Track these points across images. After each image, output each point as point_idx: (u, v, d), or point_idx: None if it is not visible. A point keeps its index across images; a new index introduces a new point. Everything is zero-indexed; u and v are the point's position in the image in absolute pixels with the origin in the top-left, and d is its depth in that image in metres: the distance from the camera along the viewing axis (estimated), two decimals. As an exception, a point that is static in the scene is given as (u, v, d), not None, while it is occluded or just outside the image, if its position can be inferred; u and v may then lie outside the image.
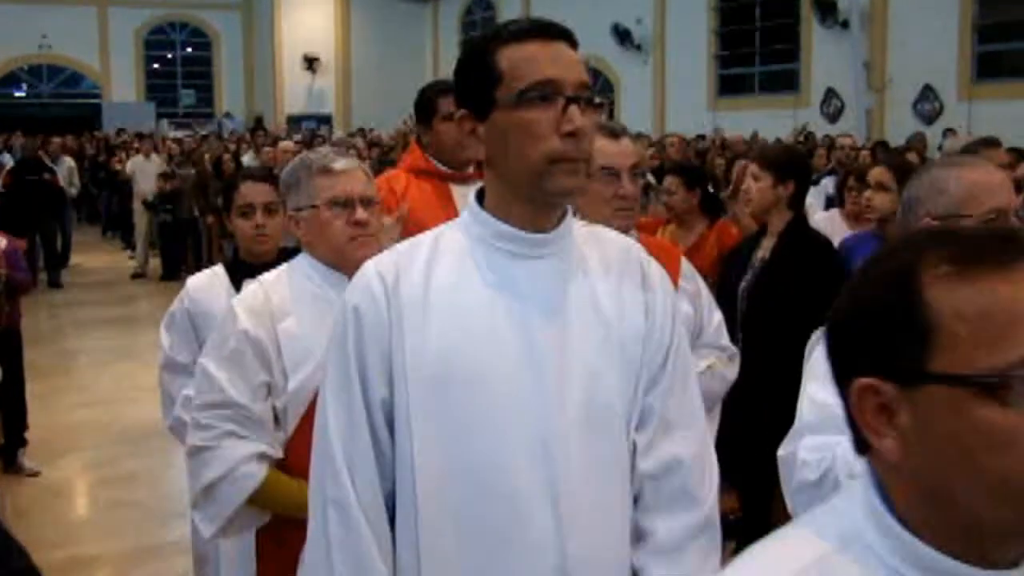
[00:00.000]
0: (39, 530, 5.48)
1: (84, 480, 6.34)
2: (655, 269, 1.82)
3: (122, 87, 30.59)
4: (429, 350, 1.63)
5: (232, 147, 15.85)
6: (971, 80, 15.75)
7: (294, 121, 28.64)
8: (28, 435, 6.52)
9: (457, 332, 1.63)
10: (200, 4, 31.26)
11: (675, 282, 2.82)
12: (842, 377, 1.06)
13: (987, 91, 15.42)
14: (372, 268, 1.71)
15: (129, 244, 16.22)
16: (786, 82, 19.43)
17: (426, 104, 3.88)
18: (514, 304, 1.65)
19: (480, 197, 1.75)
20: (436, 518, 1.63)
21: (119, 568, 5.06)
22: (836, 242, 4.32)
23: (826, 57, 18.02)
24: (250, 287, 2.57)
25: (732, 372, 3.11)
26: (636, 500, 1.75)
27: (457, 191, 3.78)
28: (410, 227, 3.55)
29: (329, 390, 1.70)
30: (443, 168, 3.85)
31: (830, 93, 18.16)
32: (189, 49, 32.21)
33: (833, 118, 17.83)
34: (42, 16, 28.49)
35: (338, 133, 22.49)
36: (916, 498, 1.02)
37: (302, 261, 2.59)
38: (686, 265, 3.07)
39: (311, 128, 25.65)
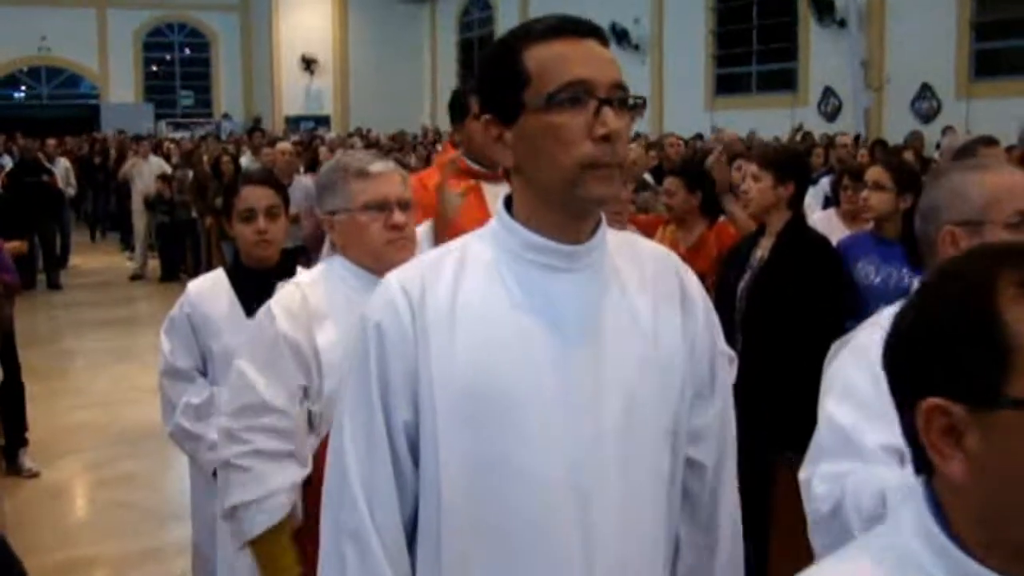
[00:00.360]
0: (38, 532, 5.48)
1: (82, 481, 6.33)
2: (692, 279, 1.71)
3: (121, 88, 30.62)
4: (457, 370, 1.51)
5: (231, 148, 15.84)
6: (969, 78, 15.76)
7: (292, 122, 28.69)
8: (27, 436, 6.51)
9: (486, 351, 1.52)
10: (198, 5, 31.28)
11: None
12: (905, 396, 1.02)
13: (985, 89, 15.42)
14: (395, 282, 1.59)
15: (128, 245, 16.21)
16: (784, 81, 19.44)
17: (459, 103, 3.86)
18: (547, 321, 1.53)
19: (508, 205, 1.64)
20: (461, 547, 1.53)
21: (117, 570, 5.05)
22: (833, 242, 4.32)
23: (824, 56, 18.02)
24: (287, 288, 2.55)
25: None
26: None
27: (489, 190, 3.73)
28: (447, 227, 3.59)
29: (347, 411, 1.59)
30: (476, 167, 3.80)
31: (828, 92, 18.17)
32: (187, 50, 32.25)
33: (831, 117, 17.84)
34: (41, 18, 28.52)
35: (332, 135, 22.44)
36: (976, 520, 0.99)
37: (337, 264, 2.57)
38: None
39: (309, 129, 25.67)
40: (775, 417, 3.56)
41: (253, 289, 3.14)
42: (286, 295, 2.52)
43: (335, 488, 1.59)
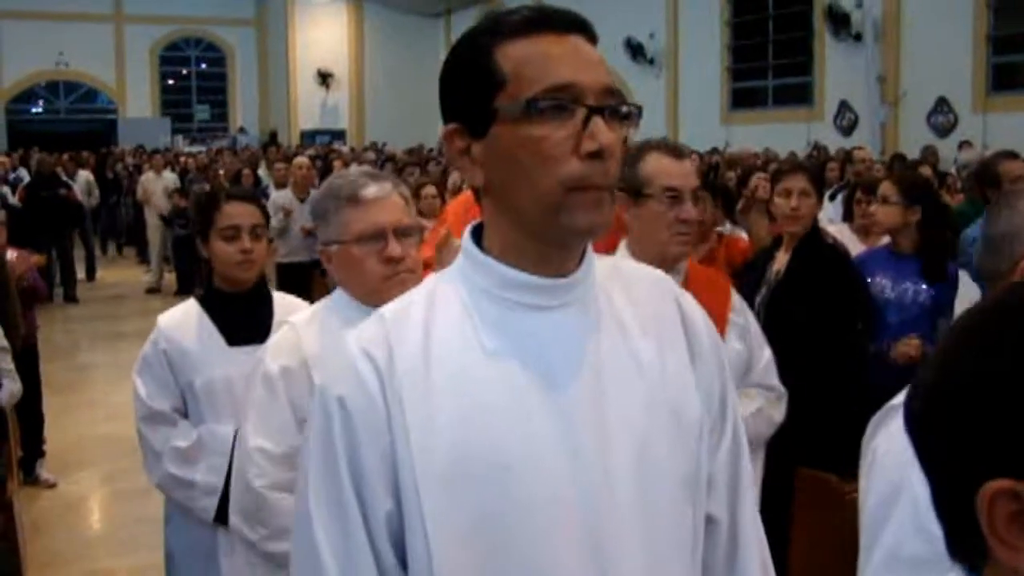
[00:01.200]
0: (55, 544, 5.50)
1: (100, 494, 6.35)
2: (690, 303, 1.46)
3: (137, 103, 30.78)
4: (440, 442, 1.24)
5: (259, 162, 15.93)
6: (985, 92, 15.71)
7: (308, 136, 28.79)
8: (45, 448, 6.55)
9: (472, 413, 1.25)
10: (215, 20, 31.44)
11: (725, 315, 2.72)
12: (953, 473, 0.85)
13: (1002, 103, 15.37)
14: (355, 346, 1.30)
15: (144, 259, 16.29)
16: (799, 95, 19.41)
17: None
18: (536, 369, 1.28)
19: (476, 236, 1.36)
20: None
21: (134, 582, 5.06)
22: (847, 257, 4.32)
23: (839, 70, 17.99)
24: (281, 332, 2.39)
25: (780, 414, 2.89)
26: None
27: None
28: None
29: (314, 504, 1.28)
30: None
31: (844, 106, 18.13)
32: (204, 65, 32.41)
33: (847, 131, 17.80)
34: (59, 33, 28.72)
35: (347, 149, 22.52)
36: None
37: (338, 300, 2.37)
38: (736, 297, 2.89)
39: (325, 143, 25.76)
40: (794, 432, 3.54)
41: (232, 314, 2.99)
42: (279, 340, 2.35)
43: None
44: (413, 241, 2.31)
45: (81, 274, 14.69)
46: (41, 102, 30.83)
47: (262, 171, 14.34)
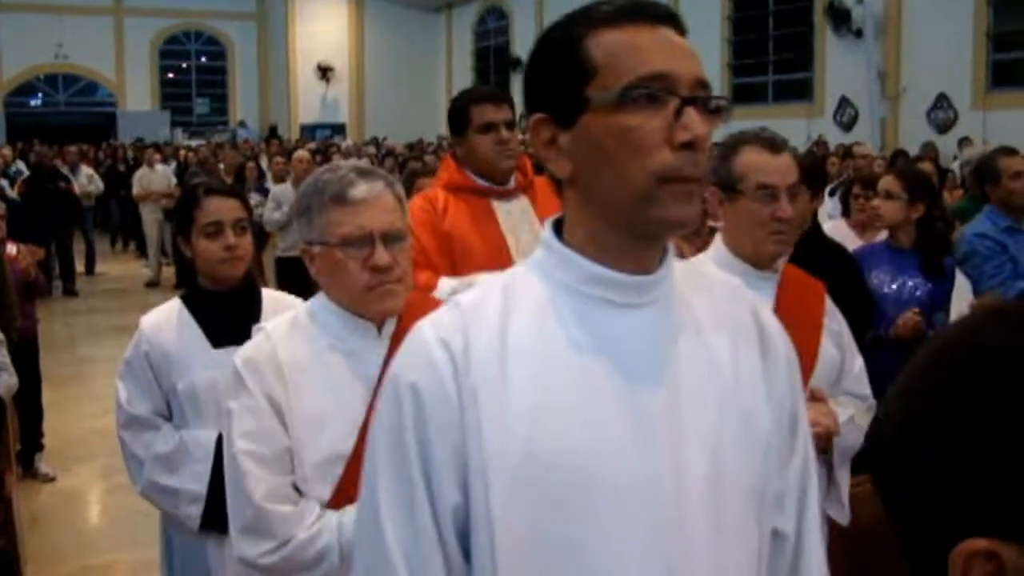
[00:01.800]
0: (54, 537, 5.51)
1: (98, 488, 6.34)
2: (768, 313, 1.44)
3: (137, 96, 30.75)
4: (513, 439, 1.22)
5: (259, 155, 15.92)
6: (985, 89, 15.71)
7: (308, 130, 28.77)
8: (44, 442, 6.56)
9: (547, 412, 1.23)
10: (215, 13, 31.41)
11: (820, 320, 2.67)
12: (926, 529, 0.77)
13: (1002, 100, 15.37)
14: (431, 333, 1.28)
15: (144, 253, 16.29)
16: (800, 91, 19.41)
17: (460, 113, 3.49)
18: (614, 369, 1.25)
19: (557, 229, 1.34)
20: None
21: (133, 576, 5.06)
22: (845, 252, 4.32)
23: (840, 66, 17.99)
24: (255, 339, 2.16)
25: (867, 424, 2.74)
26: None
27: (499, 207, 3.45)
28: (456, 250, 3.36)
29: (383, 498, 1.26)
30: (483, 183, 3.47)
31: (844, 102, 18.14)
32: (204, 58, 32.38)
33: (847, 127, 17.80)
34: (58, 26, 28.68)
35: (348, 143, 22.49)
36: None
37: (320, 305, 2.17)
38: (829, 301, 2.76)
39: (325, 137, 25.74)
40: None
41: (217, 314, 2.87)
42: (251, 347, 2.12)
43: None
44: (403, 247, 2.12)
45: (81, 267, 14.72)
46: (40, 95, 30.80)
47: (263, 164, 14.33)
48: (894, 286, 4.21)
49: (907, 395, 0.79)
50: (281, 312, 2.56)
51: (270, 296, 2.98)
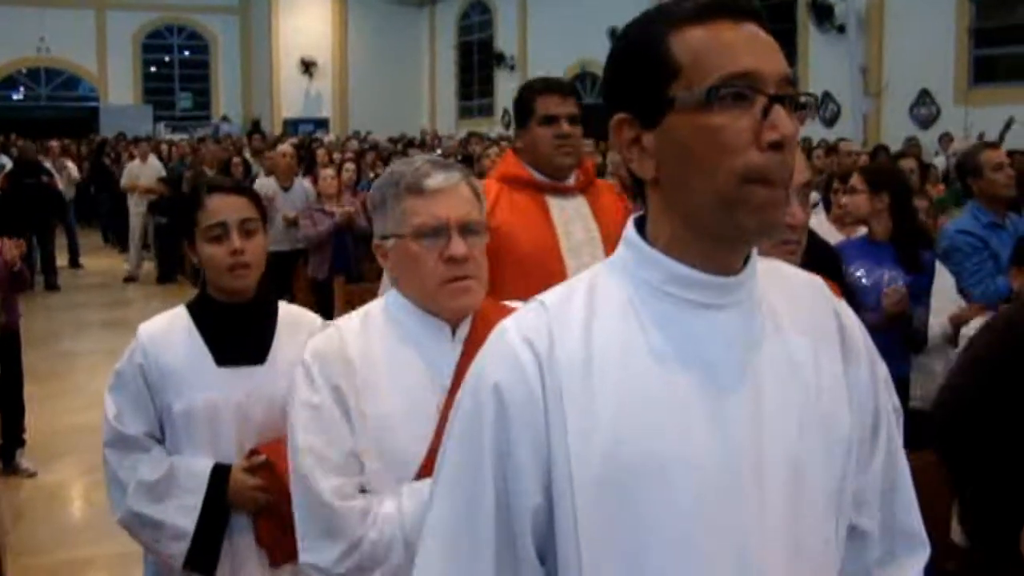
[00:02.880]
0: (35, 532, 5.48)
1: (80, 483, 6.31)
2: (850, 315, 1.41)
3: (119, 90, 30.63)
4: (598, 444, 1.19)
5: (243, 150, 15.85)
6: (968, 84, 15.79)
7: (291, 125, 28.71)
8: (25, 437, 6.52)
9: (632, 417, 1.20)
10: (197, 7, 31.30)
11: None
12: (996, 505, 0.70)
13: (983, 96, 15.45)
14: (515, 332, 1.26)
15: (125, 248, 16.24)
16: (783, 86, 19.46)
17: (524, 103, 3.35)
18: (699, 372, 1.23)
19: (639, 228, 1.31)
20: None
21: (114, 571, 5.04)
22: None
23: (823, 62, 18.06)
24: (325, 332, 2.04)
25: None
26: None
27: (554, 204, 3.32)
28: (502, 241, 3.11)
29: (446, 486, 1.27)
30: (541, 177, 3.34)
31: (827, 97, 18.19)
32: (187, 52, 32.28)
33: (830, 123, 17.87)
34: (40, 19, 28.54)
35: (330, 137, 22.44)
36: None
37: (392, 300, 2.07)
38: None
39: (308, 132, 25.69)
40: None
41: (225, 329, 2.58)
42: (320, 341, 2.01)
43: None
44: (480, 242, 2.02)
45: (63, 261, 14.66)
46: (22, 88, 30.63)
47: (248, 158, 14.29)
48: (871, 279, 4.24)
49: (974, 366, 0.78)
50: (301, 331, 2.48)
51: (288, 312, 2.69)
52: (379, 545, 1.87)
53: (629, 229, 1.32)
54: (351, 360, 1.95)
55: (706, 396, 1.22)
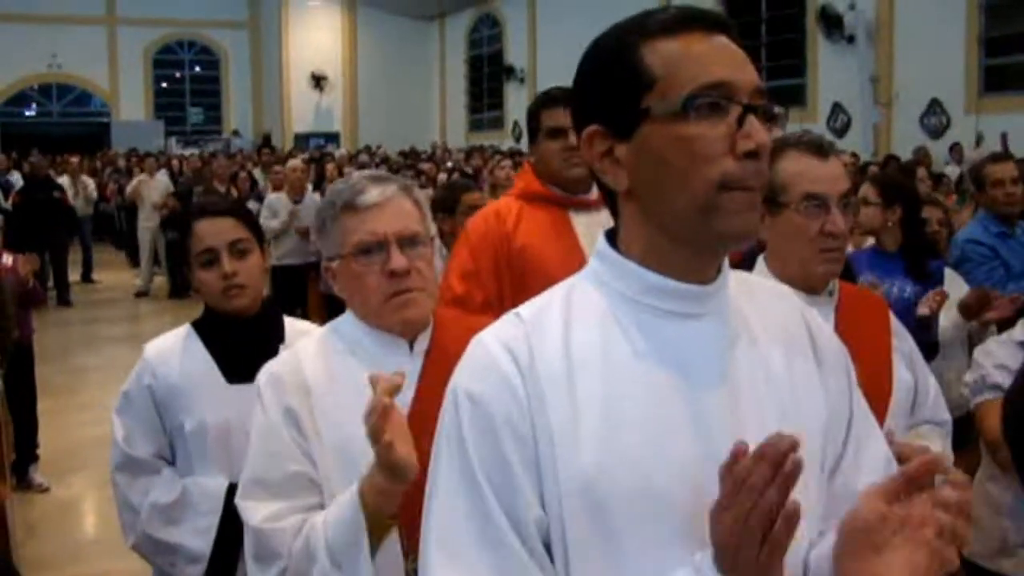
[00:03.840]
0: (48, 547, 5.49)
1: (93, 498, 6.32)
2: (819, 321, 1.43)
3: (131, 105, 30.77)
4: (583, 455, 1.19)
5: (248, 164, 15.94)
6: (978, 93, 15.74)
7: (302, 139, 28.80)
8: (38, 452, 6.54)
9: (615, 426, 1.20)
10: (208, 23, 31.45)
11: (888, 342, 2.36)
12: None
13: (994, 104, 15.41)
14: (495, 343, 1.25)
15: (136, 262, 16.30)
16: (793, 97, 19.42)
17: (532, 118, 3.29)
18: (677, 380, 1.24)
19: (611, 240, 1.32)
20: None
21: (128, 586, 5.05)
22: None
23: (833, 72, 18.03)
24: (280, 356, 2.05)
25: (949, 449, 2.45)
26: None
27: (577, 219, 3.24)
28: (528, 262, 3.15)
29: (450, 532, 1.22)
30: (560, 193, 3.27)
31: (837, 108, 18.17)
32: (197, 68, 32.43)
33: (840, 133, 17.83)
34: (52, 35, 28.71)
35: (341, 151, 22.50)
36: None
37: (345, 322, 2.06)
38: (895, 320, 2.46)
39: (319, 146, 25.76)
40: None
41: (232, 345, 2.55)
42: (275, 364, 2.01)
43: None
44: (423, 252, 1.99)
45: (76, 275, 14.71)
46: (34, 105, 30.79)
47: (256, 173, 14.34)
48: (882, 290, 4.23)
49: None
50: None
51: (294, 327, 2.64)
52: (302, 558, 1.84)
53: (601, 242, 1.32)
54: (306, 382, 1.94)
55: (685, 402, 1.23)
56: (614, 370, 1.23)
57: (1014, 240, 4.81)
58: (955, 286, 4.37)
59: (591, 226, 3.19)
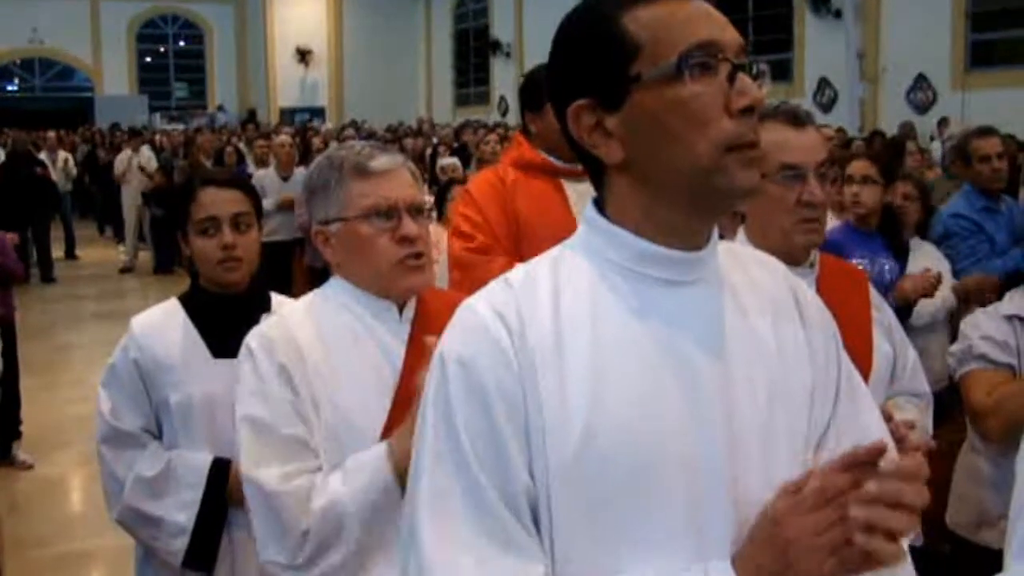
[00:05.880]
0: (33, 525, 5.48)
1: (78, 475, 6.31)
2: (803, 288, 1.42)
3: (114, 80, 30.54)
4: (572, 421, 1.18)
5: (234, 139, 15.86)
6: (964, 69, 15.75)
7: (287, 114, 28.64)
8: (22, 429, 6.52)
9: (605, 390, 1.19)
10: (192, -3, 31.20)
11: (868, 313, 2.36)
12: None
13: (980, 80, 15.41)
14: (485, 307, 1.24)
15: (122, 238, 16.23)
16: (780, 72, 19.38)
17: (536, 87, 3.24)
18: (668, 346, 1.23)
19: (599, 208, 1.31)
20: None
21: (113, 563, 5.04)
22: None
23: (819, 47, 18.01)
24: (268, 320, 2.04)
25: (930, 422, 2.47)
26: None
27: (570, 188, 3.24)
28: (523, 230, 3.18)
29: (432, 504, 1.20)
30: (556, 162, 3.26)
31: (823, 83, 18.16)
32: (182, 42, 32.17)
33: (827, 108, 17.82)
34: (33, 9, 28.41)
35: (327, 126, 22.40)
36: None
37: (334, 288, 2.05)
38: (874, 292, 2.48)
39: (304, 121, 25.64)
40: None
41: (219, 320, 2.54)
42: (265, 327, 1.99)
43: None
44: (427, 222, 2.02)
45: (59, 252, 14.64)
46: (16, 80, 30.53)
47: (243, 148, 14.27)
48: (873, 270, 4.23)
49: None
50: None
51: (281, 303, 2.64)
52: (327, 525, 1.82)
53: (590, 211, 1.31)
54: (299, 345, 1.93)
55: (676, 367, 1.22)
56: (604, 336, 1.22)
57: (999, 215, 4.81)
58: (922, 256, 4.37)
59: (583, 195, 3.14)
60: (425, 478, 1.21)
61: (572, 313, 1.23)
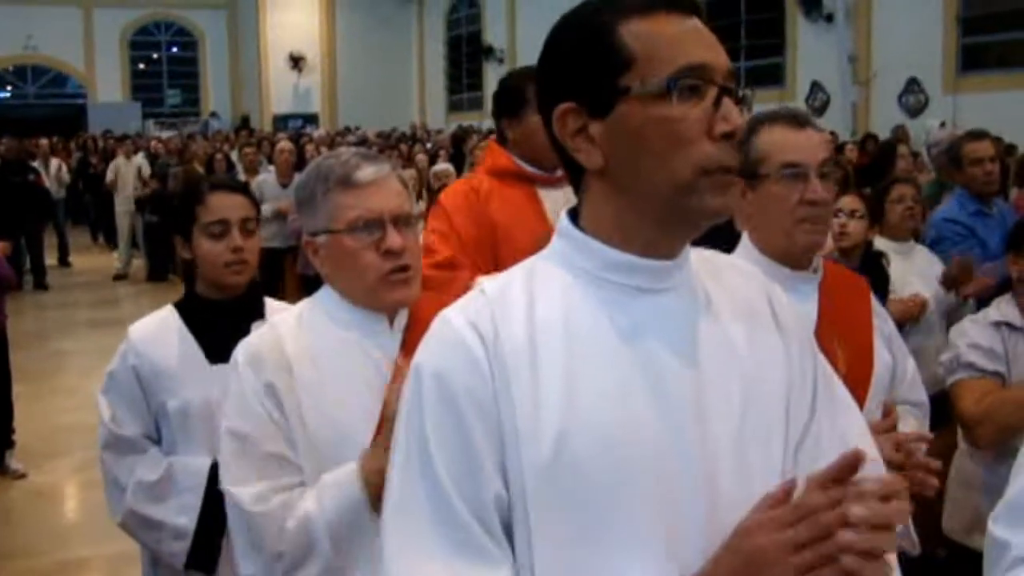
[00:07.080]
0: (27, 534, 5.47)
1: (72, 483, 6.30)
2: (782, 297, 1.42)
3: (108, 87, 30.52)
4: (546, 430, 1.19)
5: (224, 146, 15.87)
6: (956, 72, 15.78)
7: (280, 120, 28.64)
8: (14, 438, 6.50)
9: (578, 401, 1.20)
10: (185, 4, 31.21)
11: (870, 321, 2.36)
12: None
13: (972, 83, 15.45)
14: (459, 318, 1.26)
15: (115, 245, 16.21)
16: (772, 76, 19.44)
17: (515, 92, 3.21)
18: (641, 354, 1.24)
19: (573, 218, 1.33)
20: None
21: (109, 572, 5.04)
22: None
23: (811, 51, 18.04)
24: (259, 331, 2.05)
25: (926, 431, 2.44)
26: None
27: (545, 195, 3.24)
28: (501, 238, 3.16)
29: (399, 517, 1.23)
30: (530, 169, 3.25)
31: (816, 87, 18.20)
32: (175, 49, 32.17)
33: (819, 111, 17.85)
34: (27, 17, 28.40)
35: (320, 132, 22.38)
36: None
37: (325, 298, 2.05)
38: (875, 301, 2.47)
39: (297, 127, 25.63)
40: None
41: (215, 326, 2.58)
42: (254, 340, 2.00)
43: None
44: (414, 232, 2.01)
45: (53, 260, 14.61)
46: (9, 87, 30.49)
47: (233, 155, 14.27)
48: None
49: None
50: None
51: (274, 308, 2.68)
52: (299, 545, 1.84)
53: (564, 221, 1.33)
54: (288, 358, 1.93)
55: (648, 376, 1.23)
56: (577, 344, 1.23)
57: (991, 218, 4.81)
58: (919, 259, 4.37)
59: (558, 202, 3.19)
60: (395, 489, 1.24)
61: (545, 321, 1.25)
